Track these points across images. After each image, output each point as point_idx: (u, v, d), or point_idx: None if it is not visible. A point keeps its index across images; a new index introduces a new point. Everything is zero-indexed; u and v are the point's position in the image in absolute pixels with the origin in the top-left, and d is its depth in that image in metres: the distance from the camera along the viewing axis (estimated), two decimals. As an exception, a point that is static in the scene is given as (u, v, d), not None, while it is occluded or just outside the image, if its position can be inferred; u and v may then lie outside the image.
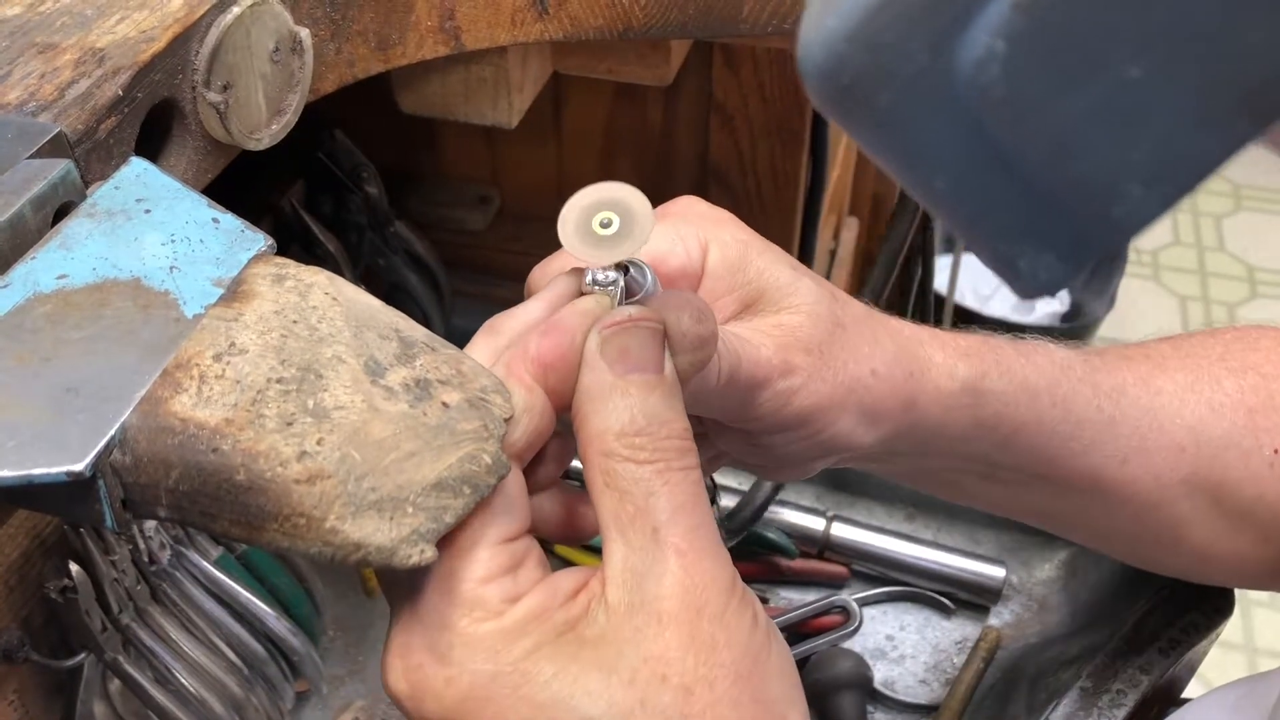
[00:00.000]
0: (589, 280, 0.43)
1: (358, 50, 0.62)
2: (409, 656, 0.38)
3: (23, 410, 0.35)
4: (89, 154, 0.44)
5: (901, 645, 0.84)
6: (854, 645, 0.82)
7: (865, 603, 0.85)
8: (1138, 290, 2.65)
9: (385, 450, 0.36)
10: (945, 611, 0.85)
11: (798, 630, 0.81)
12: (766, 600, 0.87)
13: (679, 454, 0.39)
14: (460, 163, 1.10)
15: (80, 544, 0.64)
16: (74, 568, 0.63)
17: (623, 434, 0.39)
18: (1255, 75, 0.25)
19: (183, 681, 0.69)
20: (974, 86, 0.27)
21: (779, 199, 1.01)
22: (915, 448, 0.53)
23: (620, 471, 0.39)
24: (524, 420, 0.40)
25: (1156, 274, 2.71)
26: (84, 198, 0.42)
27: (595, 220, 0.42)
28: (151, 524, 0.69)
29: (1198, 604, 0.69)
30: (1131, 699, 0.66)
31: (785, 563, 0.87)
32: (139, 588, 0.68)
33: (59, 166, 0.41)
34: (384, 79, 0.68)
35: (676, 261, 0.47)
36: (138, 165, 0.44)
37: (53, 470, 0.34)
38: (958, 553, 0.86)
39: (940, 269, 1.89)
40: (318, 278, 0.41)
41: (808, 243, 1.05)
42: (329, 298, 0.40)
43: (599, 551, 0.40)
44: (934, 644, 0.84)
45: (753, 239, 0.49)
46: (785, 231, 1.03)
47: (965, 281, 2.20)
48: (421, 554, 0.36)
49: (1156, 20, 0.25)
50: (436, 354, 0.40)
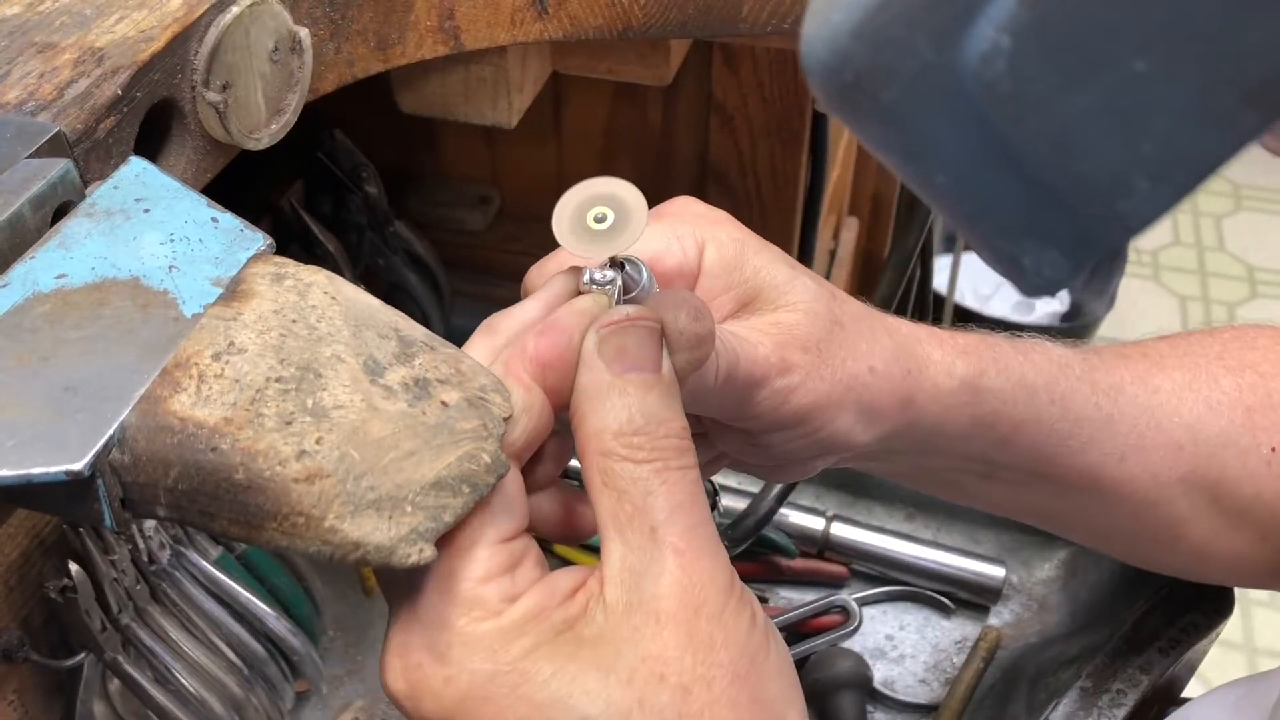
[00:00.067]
0: (586, 279, 0.43)
1: (357, 50, 0.62)
2: (408, 656, 0.38)
3: (22, 410, 0.35)
4: (88, 153, 0.44)
5: (901, 645, 0.84)
6: (854, 645, 0.82)
7: (865, 602, 0.85)
8: (1138, 290, 2.65)
9: (384, 449, 0.36)
10: (945, 611, 0.85)
11: (797, 630, 0.81)
12: (766, 600, 0.87)
13: (677, 453, 0.39)
14: (460, 163, 1.10)
15: (80, 544, 0.64)
16: (74, 567, 0.63)
17: (620, 433, 0.39)
18: (1257, 74, 0.25)
19: (182, 681, 0.69)
20: (979, 82, 0.27)
21: (779, 199, 1.01)
22: (914, 446, 0.53)
23: (618, 471, 0.39)
24: (523, 419, 0.40)
25: (1156, 274, 2.71)
26: (83, 197, 0.42)
27: (590, 215, 0.42)
28: (151, 524, 0.69)
29: (1197, 604, 0.69)
30: (1131, 699, 0.66)
31: (785, 562, 0.87)
32: (139, 587, 0.68)
33: (58, 166, 0.41)
34: (383, 78, 0.68)
35: (673, 260, 0.47)
36: (137, 165, 0.44)
37: (52, 469, 0.34)
38: (957, 552, 0.86)
39: (940, 269, 1.89)
40: (317, 277, 0.41)
41: (807, 243, 1.05)
42: (328, 297, 0.40)
43: (598, 550, 0.40)
44: (934, 644, 0.84)
45: (749, 238, 0.49)
46: (785, 231, 1.03)
47: (965, 281, 2.20)
48: (420, 553, 0.36)
49: (1159, 18, 0.25)
50: (435, 353, 0.40)
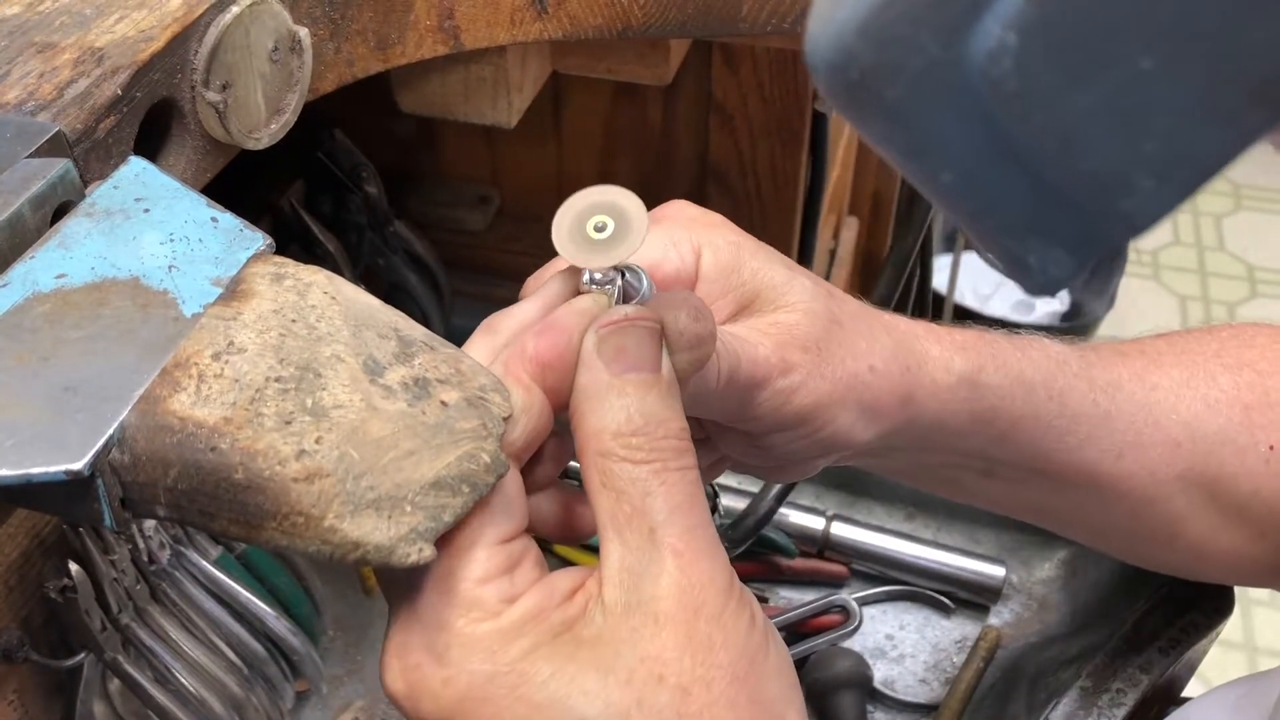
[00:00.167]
0: (586, 279, 0.43)
1: (357, 50, 0.62)
2: (406, 656, 0.38)
3: (22, 409, 0.35)
4: (88, 153, 0.44)
5: (901, 644, 0.84)
6: (854, 644, 0.82)
7: (865, 602, 0.85)
8: (1138, 290, 2.65)
9: (384, 449, 0.36)
10: (945, 611, 0.85)
11: (797, 629, 0.81)
12: (766, 600, 0.87)
13: (676, 454, 0.39)
14: (460, 162, 1.10)
15: (80, 544, 0.64)
16: (74, 567, 0.63)
17: (619, 433, 0.39)
18: (1262, 72, 0.25)
19: (182, 681, 0.69)
20: (985, 79, 0.27)
21: (779, 199, 1.01)
22: (913, 443, 0.53)
23: (617, 471, 0.39)
24: (522, 419, 0.40)
25: (1156, 273, 2.71)
26: (83, 197, 0.42)
27: (589, 224, 0.42)
28: (151, 523, 0.69)
29: (1197, 603, 0.69)
30: (1131, 698, 0.66)
31: (785, 562, 0.87)
32: (139, 587, 0.68)
33: (58, 166, 0.41)
34: (383, 78, 0.68)
35: (671, 267, 0.47)
36: (136, 164, 0.44)
37: (51, 469, 0.34)
38: (957, 552, 0.86)
39: (940, 269, 1.89)
40: (316, 277, 0.41)
41: (807, 242, 1.05)
42: (328, 297, 0.40)
43: (598, 551, 0.40)
44: (934, 643, 0.84)
45: (745, 240, 0.49)
46: (785, 231, 1.03)
47: (965, 281, 2.20)
48: (420, 553, 0.36)
49: (1165, 16, 0.25)
50: (435, 353, 0.40)
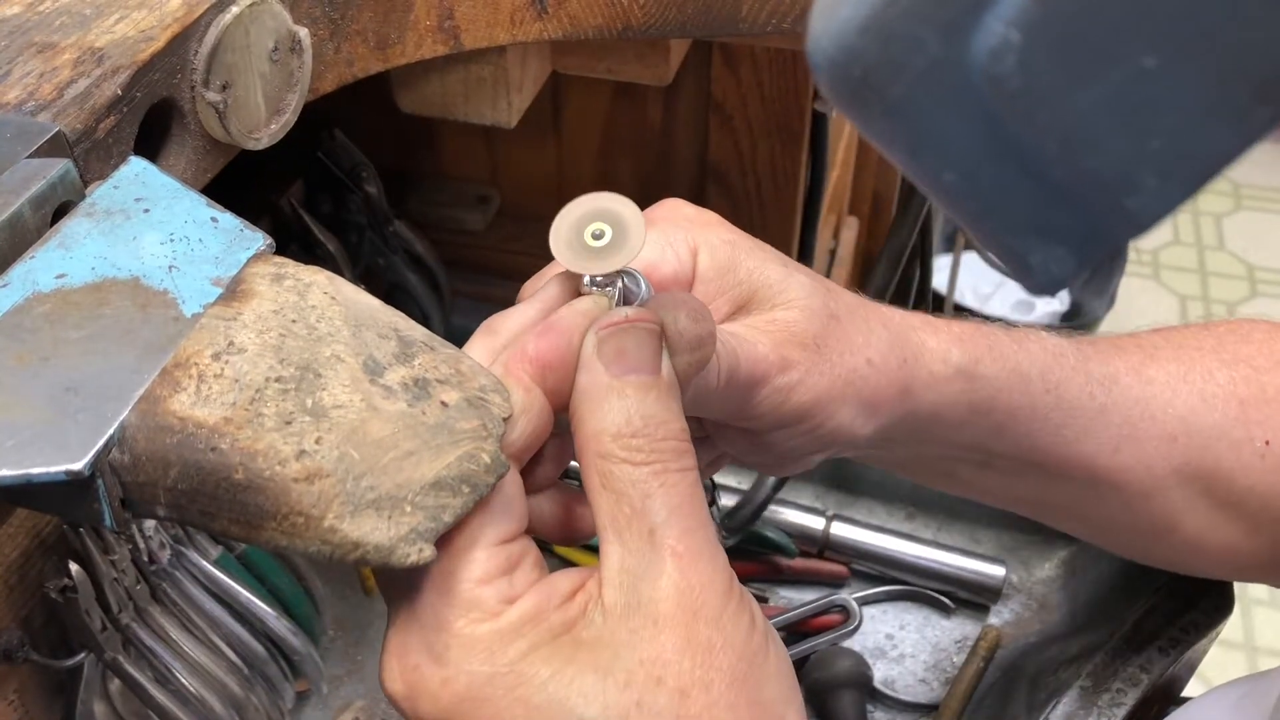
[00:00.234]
0: (586, 281, 0.43)
1: (357, 50, 0.62)
2: (406, 657, 0.38)
3: (22, 410, 0.35)
4: (88, 153, 0.44)
5: (901, 644, 0.84)
6: (854, 644, 0.82)
7: (865, 602, 0.85)
8: (1138, 289, 2.65)
9: (384, 449, 0.36)
10: (945, 610, 0.85)
11: (797, 629, 0.81)
12: (766, 599, 0.87)
13: (676, 455, 0.39)
14: (460, 162, 1.10)
15: (80, 544, 0.64)
16: (74, 567, 0.63)
17: (619, 435, 0.39)
18: (1267, 70, 0.24)
19: (183, 681, 0.69)
20: (988, 77, 0.27)
21: (779, 199, 1.01)
22: (911, 435, 0.53)
23: (617, 473, 0.39)
24: (522, 420, 0.40)
25: (1156, 273, 2.71)
26: (83, 197, 0.42)
27: (587, 232, 0.42)
28: (151, 523, 0.69)
29: (1197, 603, 0.69)
30: (1131, 698, 0.66)
31: (785, 562, 0.87)
32: (139, 587, 0.68)
33: (58, 166, 0.41)
34: (383, 78, 0.68)
35: (668, 268, 0.47)
36: (137, 164, 0.44)
37: (52, 469, 0.34)
38: (957, 552, 0.86)
39: (940, 268, 1.89)
40: (316, 277, 0.41)
41: (807, 242, 1.05)
42: (328, 297, 0.40)
43: (598, 552, 0.40)
44: (934, 643, 0.84)
45: (741, 239, 0.49)
46: (785, 231, 1.03)
47: (965, 281, 2.20)
48: (420, 553, 0.36)
49: (1169, 13, 0.25)
50: (435, 353, 0.40)
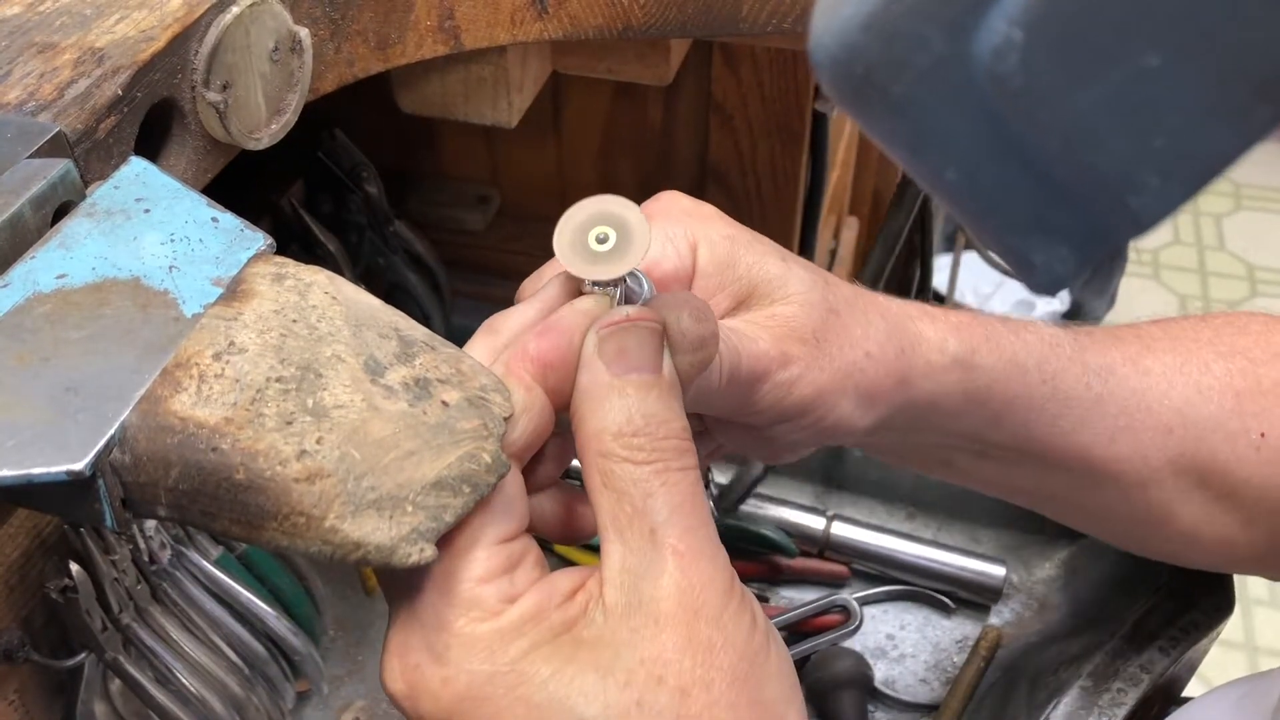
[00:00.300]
0: (588, 280, 0.43)
1: (357, 50, 0.62)
2: (406, 656, 0.38)
3: (23, 410, 0.35)
4: (88, 153, 0.44)
5: (902, 644, 0.84)
6: (854, 644, 0.82)
7: (865, 602, 0.85)
8: (1138, 289, 2.64)
9: (385, 449, 0.36)
10: (946, 610, 0.85)
11: (798, 629, 0.81)
12: (767, 600, 0.87)
13: (677, 454, 0.39)
14: (460, 162, 1.10)
15: (80, 544, 0.64)
16: (74, 567, 0.63)
17: (620, 434, 0.39)
18: (1270, 69, 0.24)
19: (183, 681, 0.69)
20: (990, 76, 0.27)
21: (779, 199, 1.01)
22: (908, 424, 0.53)
23: (618, 472, 0.39)
24: (523, 420, 0.40)
25: (1157, 273, 2.71)
26: (83, 197, 0.42)
27: (591, 236, 0.42)
28: (151, 523, 0.69)
29: (1198, 602, 0.69)
30: (1132, 697, 0.66)
31: (785, 562, 0.87)
32: (139, 587, 0.68)
33: (58, 166, 0.41)
34: (384, 78, 0.68)
35: (669, 264, 0.47)
36: (137, 165, 0.44)
37: (53, 469, 0.34)
38: (958, 552, 0.86)
39: (940, 268, 1.89)
40: (317, 277, 0.41)
41: (807, 242, 1.05)
42: (328, 297, 0.40)
43: (599, 551, 0.40)
44: (934, 643, 0.84)
45: (739, 233, 0.49)
46: (785, 231, 1.03)
47: (965, 280, 2.20)
48: (421, 553, 0.36)
49: (1171, 12, 0.25)
50: (436, 353, 0.40)
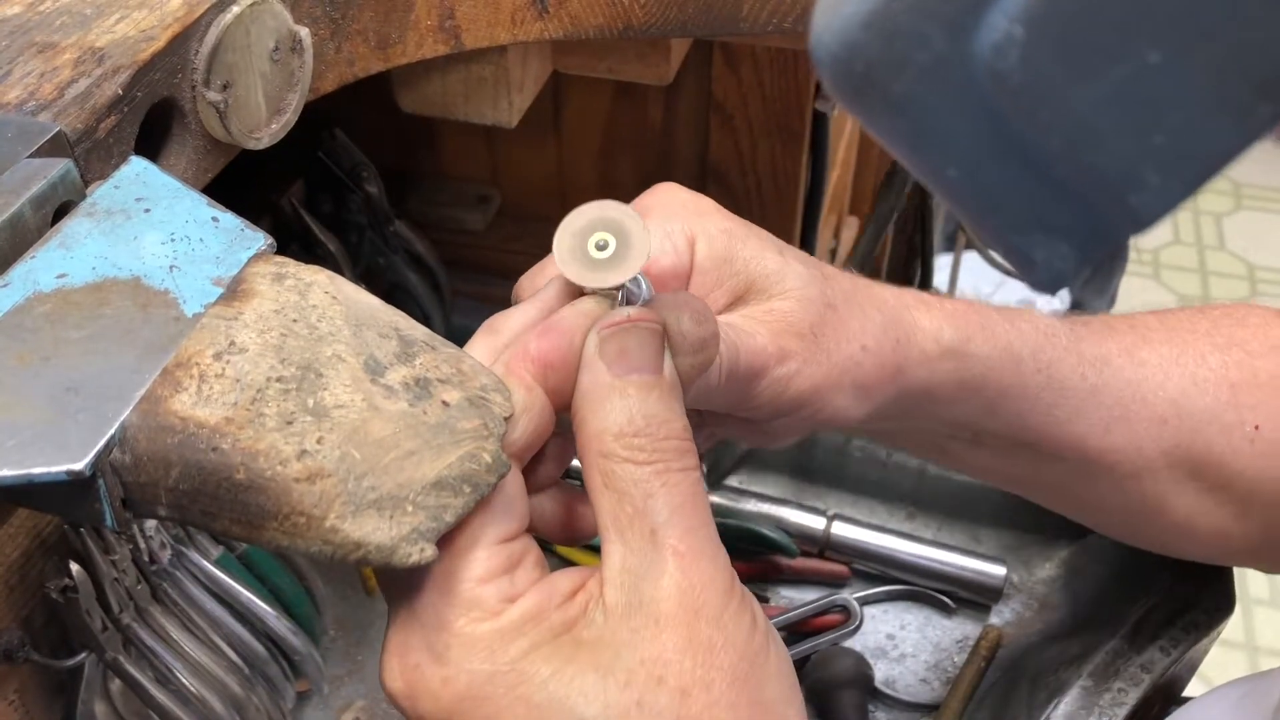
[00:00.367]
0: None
1: (357, 49, 0.62)
2: (406, 656, 0.38)
3: (23, 410, 0.35)
4: (88, 153, 0.44)
5: (902, 644, 0.84)
6: (855, 644, 0.82)
7: (866, 602, 0.85)
8: (1138, 289, 2.65)
9: (385, 449, 0.36)
10: (946, 610, 0.85)
11: (798, 629, 0.81)
12: (767, 599, 0.87)
13: (678, 454, 0.39)
14: (460, 162, 1.10)
15: (81, 544, 0.64)
16: (74, 567, 0.63)
17: (621, 435, 0.39)
18: (1271, 66, 0.24)
19: (183, 681, 0.69)
20: (991, 73, 0.27)
21: (779, 198, 1.01)
22: (903, 412, 0.53)
23: (618, 472, 0.39)
24: (524, 420, 0.40)
25: (1157, 272, 2.71)
26: (83, 197, 0.42)
27: (591, 242, 0.41)
28: (152, 523, 0.69)
29: (1198, 602, 0.69)
30: (1133, 697, 0.66)
31: (785, 562, 0.86)
32: (139, 587, 0.68)
33: (58, 166, 0.41)
34: (384, 78, 0.68)
35: (667, 261, 0.47)
36: (137, 164, 0.44)
37: (53, 469, 0.34)
38: (958, 551, 0.86)
39: (940, 268, 1.89)
40: (317, 276, 0.41)
41: (808, 242, 1.05)
42: (329, 297, 0.40)
43: (599, 551, 0.40)
44: (935, 643, 0.84)
45: (737, 226, 0.49)
46: (785, 231, 1.03)
47: (966, 280, 2.20)
48: (421, 553, 0.36)
49: (1172, 9, 0.25)
50: (436, 353, 0.40)
